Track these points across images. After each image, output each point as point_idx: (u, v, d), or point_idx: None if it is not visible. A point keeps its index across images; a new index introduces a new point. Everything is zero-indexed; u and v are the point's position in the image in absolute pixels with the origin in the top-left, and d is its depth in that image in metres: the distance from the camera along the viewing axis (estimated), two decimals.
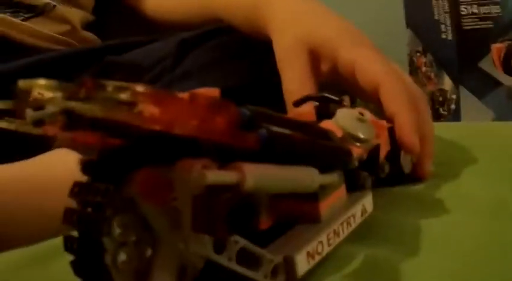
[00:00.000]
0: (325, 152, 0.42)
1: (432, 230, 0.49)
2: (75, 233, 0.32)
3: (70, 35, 0.92)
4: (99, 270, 0.32)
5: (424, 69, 1.35)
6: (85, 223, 0.32)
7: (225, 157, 0.32)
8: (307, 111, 0.54)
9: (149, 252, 0.33)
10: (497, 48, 1.24)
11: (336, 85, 0.68)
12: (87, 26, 0.97)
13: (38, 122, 0.30)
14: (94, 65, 0.80)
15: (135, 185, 0.32)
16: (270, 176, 0.35)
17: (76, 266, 0.33)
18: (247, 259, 0.34)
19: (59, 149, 0.55)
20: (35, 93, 0.30)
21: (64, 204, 0.33)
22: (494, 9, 1.24)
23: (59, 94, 0.30)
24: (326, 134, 0.44)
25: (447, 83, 1.30)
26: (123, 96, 0.28)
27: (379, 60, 0.64)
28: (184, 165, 0.31)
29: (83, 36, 0.95)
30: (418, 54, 1.36)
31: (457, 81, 1.27)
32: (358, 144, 0.49)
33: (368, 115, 0.54)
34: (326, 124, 0.49)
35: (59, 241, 0.34)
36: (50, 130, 0.30)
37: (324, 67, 0.67)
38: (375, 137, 0.51)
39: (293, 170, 0.37)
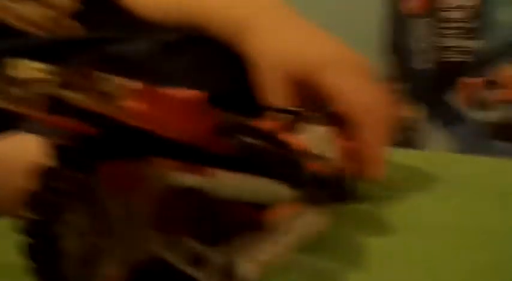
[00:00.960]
0: (287, 168, 0.43)
1: (379, 249, 0.51)
2: (32, 216, 0.33)
3: (54, 22, 0.93)
4: (51, 255, 0.34)
5: (395, 96, 1.37)
6: (45, 208, 0.33)
7: (194, 160, 0.34)
8: (271, 122, 0.56)
9: (103, 242, 0.34)
10: (467, 82, 1.26)
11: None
12: (75, 16, 0.98)
13: (21, 100, 0.32)
14: (85, 55, 0.80)
15: (101, 176, 0.33)
16: (236, 184, 0.37)
17: (32, 250, 0.34)
18: (195, 260, 0.36)
19: (21, 132, 0.56)
20: (24, 73, 0.32)
21: (22, 186, 0.34)
22: (476, 44, 1.26)
23: (51, 78, 0.31)
24: (291, 151, 0.45)
25: (416, 112, 1.32)
26: (115, 90, 0.29)
27: (363, 86, 0.65)
28: (154, 164, 0.33)
29: (68, 25, 0.95)
30: (391, 80, 1.37)
31: (425, 111, 1.29)
32: (319, 162, 0.51)
33: (337, 136, 0.56)
34: (292, 139, 0.50)
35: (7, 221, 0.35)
36: (32, 111, 0.32)
37: (306, 91, 0.67)
38: (336, 156, 0.53)
39: (256, 182, 0.39)
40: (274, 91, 0.67)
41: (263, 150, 0.39)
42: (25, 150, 0.37)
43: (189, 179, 0.33)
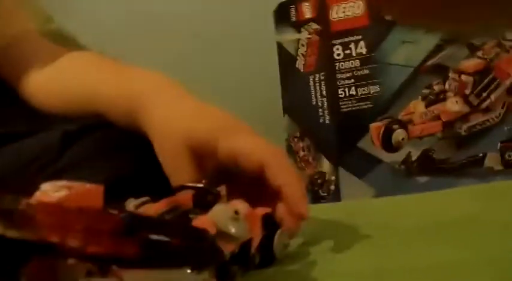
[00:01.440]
0: (197, 253, 0.44)
1: None
2: None
3: None
4: None
5: (301, 153, 1.38)
6: None
7: (108, 261, 0.35)
8: (185, 198, 0.57)
9: None
10: (376, 126, 1.29)
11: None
12: None
13: None
14: None
15: (25, 276, 0.35)
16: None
17: None
18: None
19: None
20: None
21: None
22: (373, 89, 1.29)
23: None
24: (200, 235, 0.46)
25: (325, 165, 1.34)
26: (17, 206, 0.31)
27: (259, 143, 0.68)
28: (70, 267, 0.34)
29: None
30: (296, 139, 1.39)
31: (335, 163, 1.30)
32: (229, 240, 0.52)
33: (244, 209, 0.57)
34: (201, 220, 0.51)
35: None
36: None
37: (208, 161, 0.69)
38: (247, 231, 0.54)
39: (167, 273, 0.39)
40: (175, 161, 0.70)
41: (170, 244, 0.39)
42: None
43: None
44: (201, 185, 0.60)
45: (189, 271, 0.42)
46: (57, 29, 1.14)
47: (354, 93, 1.30)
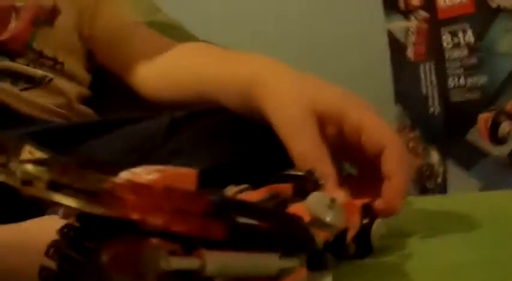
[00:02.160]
0: (288, 238, 0.44)
1: None
2: None
3: (66, 108, 0.95)
4: None
5: (411, 144, 1.36)
6: None
7: (193, 243, 0.35)
8: (285, 187, 0.57)
9: None
10: (484, 118, 1.26)
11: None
12: (84, 102, 1.00)
13: (26, 182, 0.34)
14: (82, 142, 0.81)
15: (105, 255, 0.35)
16: (230, 263, 0.37)
17: None
18: None
19: (50, 216, 0.58)
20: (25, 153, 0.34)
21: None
22: (482, 79, 1.26)
23: (44, 172, 0.33)
24: (292, 222, 0.46)
25: (434, 157, 1.31)
26: (103, 185, 0.31)
27: (384, 124, 0.68)
28: (151, 246, 0.34)
29: (79, 110, 0.97)
30: (406, 129, 1.37)
31: (443, 155, 1.28)
32: (324, 228, 0.52)
33: (342, 198, 0.57)
34: (296, 207, 0.51)
35: None
36: (36, 191, 0.34)
37: (330, 131, 0.68)
38: (343, 221, 0.53)
39: (254, 257, 0.40)
40: (298, 128, 0.68)
41: (259, 227, 0.40)
42: (46, 232, 0.39)
43: (188, 263, 0.34)
44: (301, 173, 0.60)
45: (277, 256, 0.42)
46: (165, 19, 1.15)
47: (463, 83, 1.28)
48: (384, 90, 1.41)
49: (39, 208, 0.55)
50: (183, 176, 0.35)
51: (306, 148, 0.67)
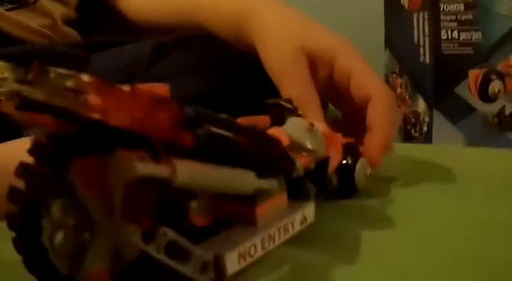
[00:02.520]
0: (265, 157, 0.43)
1: (372, 244, 0.50)
2: (13, 211, 0.35)
3: (51, 29, 0.93)
4: (37, 249, 0.35)
5: (399, 90, 1.35)
6: (26, 204, 0.35)
7: (162, 152, 0.33)
8: (264, 118, 0.55)
9: (86, 235, 0.34)
10: (474, 74, 1.25)
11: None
12: (70, 23, 0.98)
13: None
14: (67, 61, 0.80)
15: (74, 172, 0.34)
16: (202, 174, 0.36)
17: (17, 244, 0.36)
18: (176, 252, 0.35)
19: (22, 138, 0.57)
20: None
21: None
22: (475, 36, 1.24)
23: (9, 76, 0.32)
24: (270, 141, 0.44)
25: (421, 105, 1.31)
26: (68, 83, 0.29)
27: (373, 73, 0.67)
28: (119, 155, 0.32)
29: (64, 32, 0.96)
30: (394, 75, 1.36)
31: (431, 105, 1.27)
32: (304, 154, 0.50)
33: (321, 127, 0.55)
34: (274, 131, 0.49)
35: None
36: (6, 108, 0.32)
37: (320, 74, 0.68)
38: (323, 148, 0.52)
39: (229, 172, 0.38)
40: (289, 66, 0.68)
41: (233, 140, 0.38)
42: (16, 153, 0.38)
43: (156, 169, 0.33)
44: (280, 101, 0.58)
45: (253, 175, 0.40)
46: None
47: (456, 36, 1.26)
48: (375, 34, 1.39)
49: (13, 132, 0.54)
50: (156, 88, 0.33)
51: (296, 92, 0.66)
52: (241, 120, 0.52)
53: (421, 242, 0.51)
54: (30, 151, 0.35)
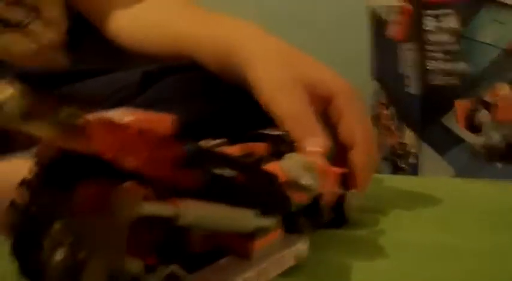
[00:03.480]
0: (265, 195, 0.43)
1: (360, 273, 0.50)
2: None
3: (38, 55, 0.93)
4: (36, 266, 0.35)
5: (385, 122, 1.35)
6: (27, 220, 0.35)
7: (167, 191, 0.34)
8: (261, 146, 0.55)
9: (83, 254, 0.34)
10: (461, 104, 1.25)
11: None
12: (61, 48, 0.98)
13: None
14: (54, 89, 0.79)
15: (77, 195, 0.34)
16: (205, 214, 0.36)
17: (17, 259, 0.35)
18: None
19: (24, 155, 0.57)
20: None
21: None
22: (461, 66, 1.25)
23: (15, 105, 0.31)
24: (268, 178, 0.44)
25: (408, 136, 1.31)
26: (76, 121, 0.30)
27: (362, 122, 0.67)
28: (127, 189, 0.32)
29: (51, 58, 0.95)
30: (382, 106, 1.36)
31: (418, 136, 1.27)
32: (300, 191, 0.50)
33: (320, 162, 0.55)
34: (272, 167, 0.49)
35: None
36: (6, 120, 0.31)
37: (315, 107, 0.67)
38: (319, 185, 0.52)
39: (230, 211, 0.38)
40: (289, 92, 0.66)
41: (234, 180, 0.38)
42: (18, 171, 0.37)
43: (161, 209, 0.33)
44: (278, 132, 0.58)
45: (253, 213, 0.40)
46: None
47: (442, 67, 1.26)
48: (361, 65, 1.40)
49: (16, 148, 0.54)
50: (159, 121, 0.33)
51: (293, 110, 0.65)
52: (239, 148, 0.52)
53: (410, 272, 0.51)
54: (34, 171, 0.35)
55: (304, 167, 0.50)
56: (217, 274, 0.40)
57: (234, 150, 0.52)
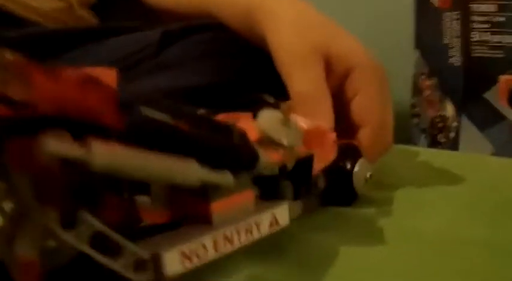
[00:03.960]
0: (215, 148, 0.40)
1: (353, 258, 0.47)
2: None
3: (66, 13, 0.92)
4: None
5: (427, 92, 1.31)
6: None
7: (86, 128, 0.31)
8: (245, 113, 0.52)
9: (17, 219, 0.33)
10: (505, 80, 1.20)
11: None
12: (88, 7, 0.97)
13: None
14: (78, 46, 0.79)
15: (5, 153, 0.32)
16: (127, 159, 0.33)
17: None
18: (105, 245, 0.32)
19: None
20: None
21: None
22: (507, 39, 1.19)
23: None
24: (225, 131, 0.41)
25: (449, 109, 1.26)
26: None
27: (379, 102, 0.64)
28: (43, 136, 0.30)
29: (79, 15, 0.95)
30: (423, 76, 1.32)
31: (459, 109, 1.23)
32: (278, 149, 0.47)
33: (305, 123, 0.52)
34: (244, 124, 0.46)
35: None
36: None
37: (330, 81, 0.65)
38: (299, 142, 0.48)
39: (163, 158, 0.35)
40: (305, 65, 0.64)
41: (174, 128, 0.35)
42: None
43: (70, 150, 0.31)
44: (270, 101, 0.56)
45: (195, 163, 0.37)
46: None
47: (487, 39, 1.21)
48: (405, 33, 1.35)
49: None
50: (102, 72, 0.31)
51: (307, 88, 0.63)
52: (222, 117, 0.49)
53: (407, 266, 0.48)
54: None
55: (282, 123, 0.47)
56: (167, 240, 0.36)
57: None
